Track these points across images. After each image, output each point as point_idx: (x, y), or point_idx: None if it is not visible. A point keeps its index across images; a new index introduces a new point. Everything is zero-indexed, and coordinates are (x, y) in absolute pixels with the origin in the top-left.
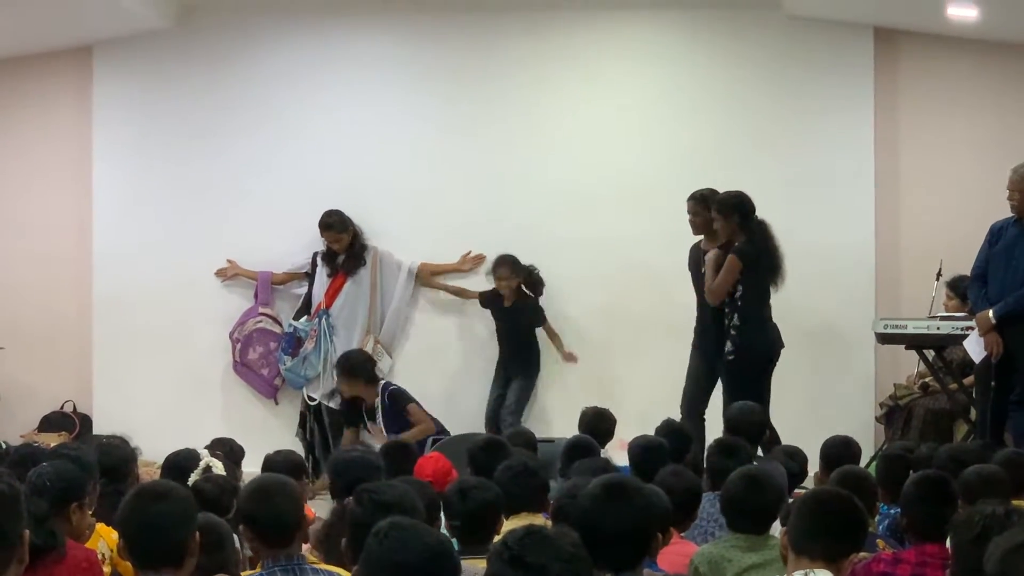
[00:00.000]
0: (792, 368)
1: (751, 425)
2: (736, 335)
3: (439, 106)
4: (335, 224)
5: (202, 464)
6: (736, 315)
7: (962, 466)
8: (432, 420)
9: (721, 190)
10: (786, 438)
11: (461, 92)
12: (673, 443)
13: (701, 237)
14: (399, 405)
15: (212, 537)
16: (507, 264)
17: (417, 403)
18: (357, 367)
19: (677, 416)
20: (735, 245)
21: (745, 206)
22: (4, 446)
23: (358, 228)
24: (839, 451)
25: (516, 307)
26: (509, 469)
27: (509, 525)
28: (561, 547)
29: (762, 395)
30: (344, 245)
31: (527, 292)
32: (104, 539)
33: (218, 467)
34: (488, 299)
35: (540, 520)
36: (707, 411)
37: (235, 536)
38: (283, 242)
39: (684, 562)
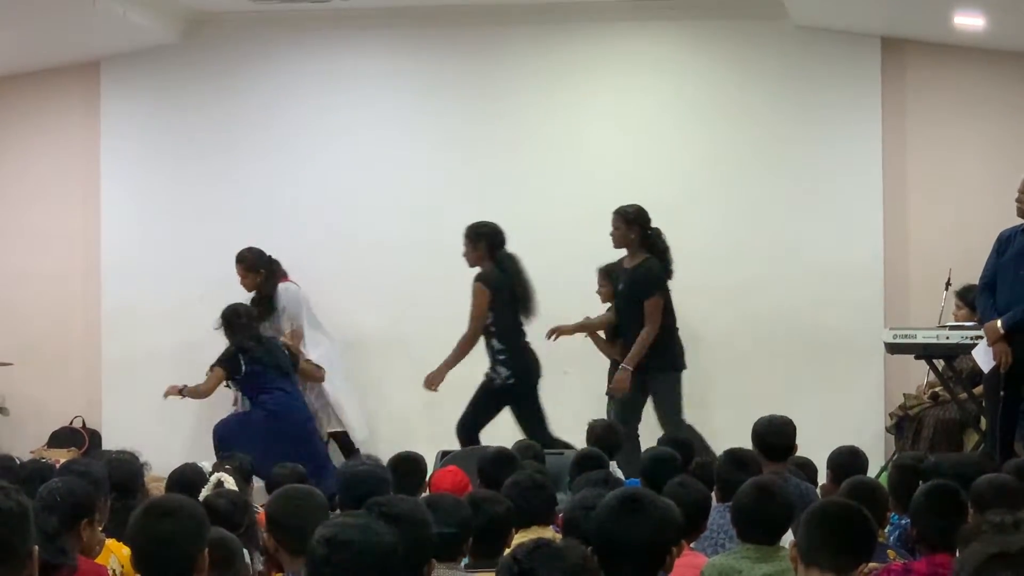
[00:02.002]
0: (802, 379)
1: (783, 437)
2: (507, 359)
3: (445, 120)
4: (244, 259)
5: (213, 479)
6: (496, 341)
7: (963, 479)
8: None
9: (727, 200)
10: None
11: (467, 106)
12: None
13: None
14: None
15: (222, 553)
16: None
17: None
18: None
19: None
20: (478, 272)
21: (493, 236)
22: (17, 462)
23: (274, 270)
24: (846, 461)
25: None
26: (517, 484)
27: (519, 539)
28: (570, 561)
29: (542, 414)
30: (251, 285)
31: None
32: (115, 555)
33: (230, 482)
34: None
35: (550, 533)
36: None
37: (245, 552)
38: (290, 256)
39: (694, 574)
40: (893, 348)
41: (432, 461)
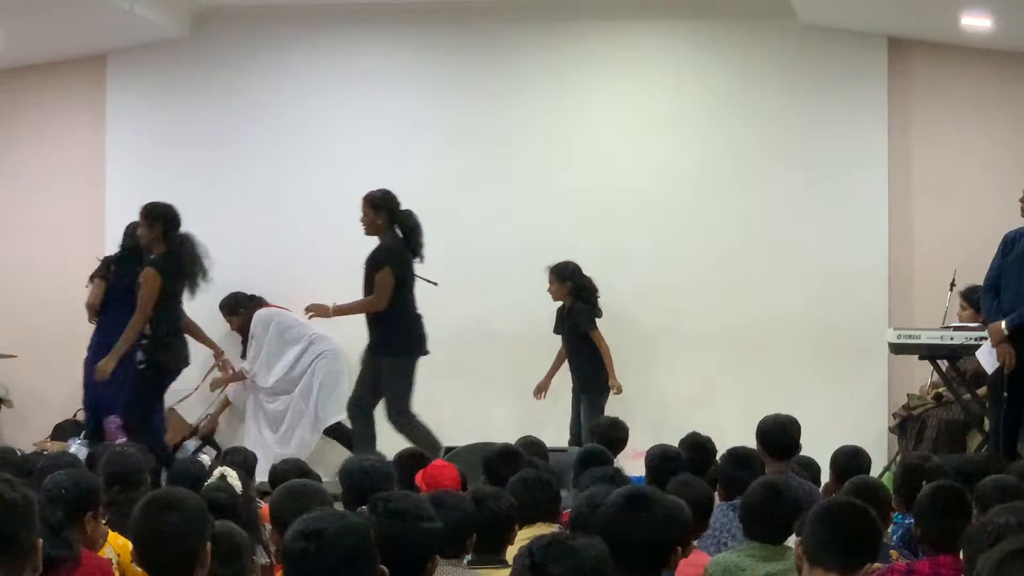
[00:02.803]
0: (806, 378)
1: (788, 437)
2: (147, 346)
3: (451, 117)
4: (223, 307)
5: (217, 473)
6: (150, 326)
7: (967, 479)
8: None
9: (732, 199)
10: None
11: (471, 103)
12: (696, 456)
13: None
14: None
15: (229, 545)
16: (550, 271)
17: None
18: None
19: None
20: (150, 257)
21: (170, 218)
22: (20, 454)
23: (253, 307)
24: (849, 461)
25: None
26: (524, 481)
27: (524, 535)
28: (584, 559)
29: (156, 408)
30: (236, 327)
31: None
32: (110, 544)
33: (232, 476)
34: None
35: (554, 531)
36: (723, 421)
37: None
38: (294, 250)
39: (696, 572)
40: (897, 348)
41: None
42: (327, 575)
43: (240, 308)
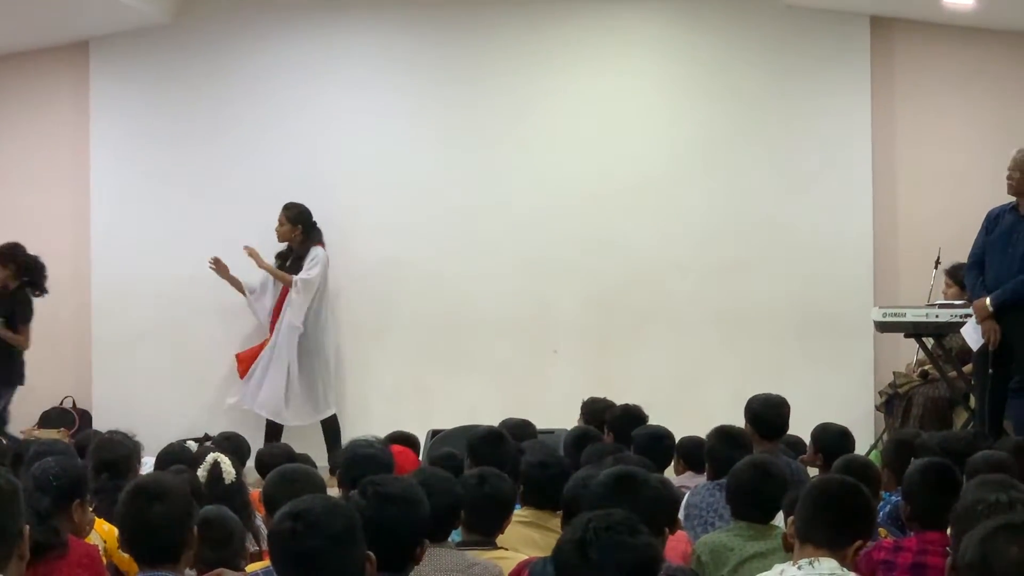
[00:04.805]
0: (792, 357)
1: (778, 417)
2: None
3: (437, 101)
4: (289, 209)
5: (209, 459)
6: None
7: (952, 456)
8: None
9: (716, 180)
10: None
11: (457, 85)
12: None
13: None
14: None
15: (221, 532)
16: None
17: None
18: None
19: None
20: None
21: None
22: (4, 443)
23: (316, 234)
24: (836, 442)
25: None
26: (545, 467)
27: (523, 516)
28: (628, 559)
29: None
30: (284, 236)
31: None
32: (96, 531)
33: (225, 463)
34: None
35: (556, 522)
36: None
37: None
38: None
39: (673, 546)
40: (882, 327)
41: (423, 440)
42: (312, 555)
43: (300, 224)
